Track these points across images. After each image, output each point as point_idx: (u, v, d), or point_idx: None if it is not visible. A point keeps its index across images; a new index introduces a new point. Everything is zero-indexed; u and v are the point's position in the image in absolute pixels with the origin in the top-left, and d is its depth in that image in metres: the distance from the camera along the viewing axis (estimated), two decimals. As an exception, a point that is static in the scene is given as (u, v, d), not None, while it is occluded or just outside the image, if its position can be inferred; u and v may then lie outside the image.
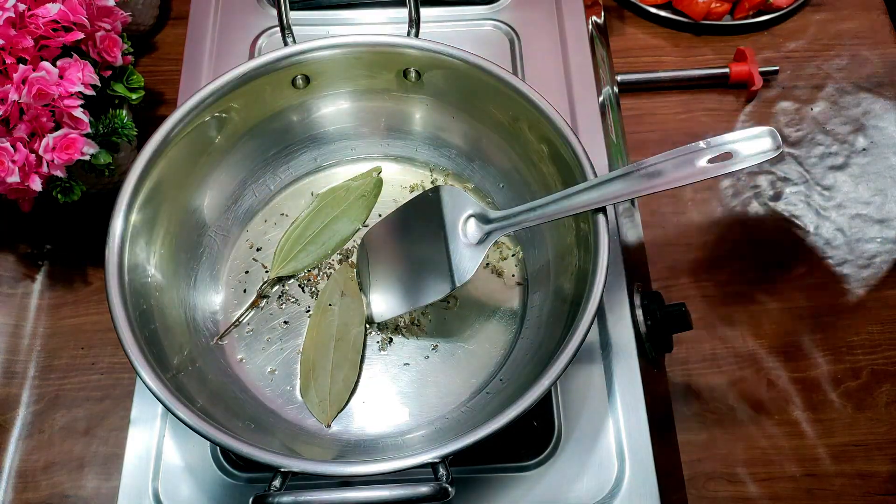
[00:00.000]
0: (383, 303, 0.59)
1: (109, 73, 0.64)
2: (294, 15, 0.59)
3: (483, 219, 0.53)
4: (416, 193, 0.65)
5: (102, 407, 0.64)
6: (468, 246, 0.54)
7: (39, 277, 0.69)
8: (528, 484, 0.55)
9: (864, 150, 0.78)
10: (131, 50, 0.65)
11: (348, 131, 0.66)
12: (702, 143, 0.48)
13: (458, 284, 0.53)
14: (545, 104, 0.54)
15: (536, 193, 0.60)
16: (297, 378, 0.58)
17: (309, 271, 0.62)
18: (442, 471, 0.44)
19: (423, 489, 0.42)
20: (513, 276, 0.62)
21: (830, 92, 0.81)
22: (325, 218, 0.64)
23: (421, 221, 0.57)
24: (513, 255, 0.63)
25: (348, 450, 0.55)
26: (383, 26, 0.74)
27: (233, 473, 0.56)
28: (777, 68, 0.81)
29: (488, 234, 0.53)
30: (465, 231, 0.54)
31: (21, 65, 0.56)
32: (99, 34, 0.62)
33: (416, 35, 0.59)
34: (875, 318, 0.70)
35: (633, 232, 0.68)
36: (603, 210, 0.50)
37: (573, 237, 0.55)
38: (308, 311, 0.61)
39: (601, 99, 0.71)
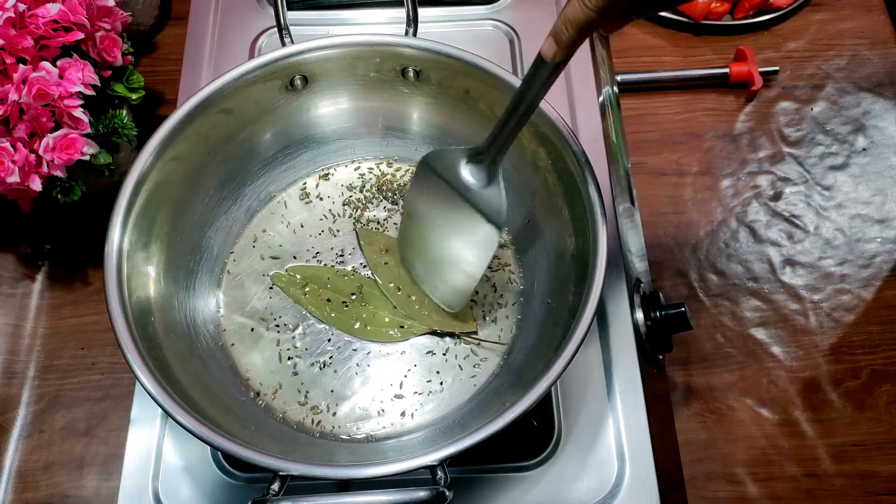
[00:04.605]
0: (449, 293, 0.59)
1: (109, 73, 0.63)
2: (293, 15, 0.59)
3: (476, 157, 0.52)
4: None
5: (102, 407, 0.64)
6: (485, 188, 0.53)
7: (39, 277, 0.69)
8: (528, 484, 0.55)
9: (864, 150, 0.78)
10: (131, 50, 0.65)
11: (347, 131, 0.66)
12: None
13: (502, 225, 0.53)
14: (544, 104, 0.54)
15: (536, 193, 0.60)
16: (296, 380, 0.58)
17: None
18: (440, 474, 0.44)
19: (421, 493, 0.42)
20: (512, 278, 0.62)
21: (830, 92, 0.81)
22: None
23: (431, 201, 0.56)
24: (512, 258, 0.63)
25: (347, 451, 0.55)
26: (382, 26, 0.74)
27: (233, 474, 0.56)
28: (777, 68, 0.81)
29: (490, 165, 0.52)
30: (471, 179, 0.53)
31: (21, 65, 0.56)
32: (99, 34, 0.61)
33: (415, 34, 0.59)
34: (875, 318, 0.70)
35: (633, 232, 0.68)
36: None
37: (572, 237, 0.55)
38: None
39: (601, 99, 0.71)
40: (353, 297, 0.61)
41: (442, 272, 0.58)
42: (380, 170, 0.67)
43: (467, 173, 0.53)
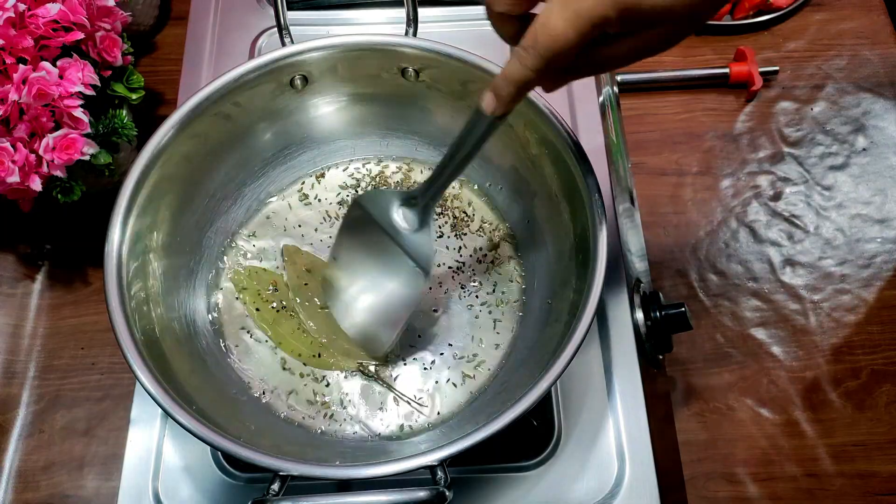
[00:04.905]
0: (371, 337, 0.58)
1: (109, 73, 0.63)
2: (293, 15, 0.59)
3: (410, 202, 0.53)
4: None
5: (102, 407, 0.64)
6: (415, 233, 0.53)
7: (39, 277, 0.69)
8: (528, 484, 0.55)
9: (864, 150, 0.78)
10: (131, 50, 0.65)
11: (347, 131, 0.66)
12: None
13: (429, 272, 0.53)
14: (543, 104, 0.54)
15: (536, 193, 0.60)
16: (296, 381, 0.58)
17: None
18: (440, 474, 0.44)
19: (421, 494, 0.42)
20: (512, 277, 0.62)
21: (830, 92, 0.81)
22: None
23: (361, 242, 0.56)
24: (513, 258, 0.63)
25: (348, 452, 0.55)
26: (382, 26, 0.74)
27: (233, 474, 0.56)
28: (777, 68, 0.81)
29: (423, 210, 0.52)
30: (403, 222, 0.53)
31: (21, 65, 0.56)
32: (99, 34, 0.61)
33: (415, 34, 0.59)
34: (875, 318, 0.70)
35: (632, 232, 0.68)
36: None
37: (572, 237, 0.55)
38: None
39: (601, 99, 0.71)
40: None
41: (366, 315, 0.58)
42: (366, 168, 0.67)
43: (399, 217, 0.53)
